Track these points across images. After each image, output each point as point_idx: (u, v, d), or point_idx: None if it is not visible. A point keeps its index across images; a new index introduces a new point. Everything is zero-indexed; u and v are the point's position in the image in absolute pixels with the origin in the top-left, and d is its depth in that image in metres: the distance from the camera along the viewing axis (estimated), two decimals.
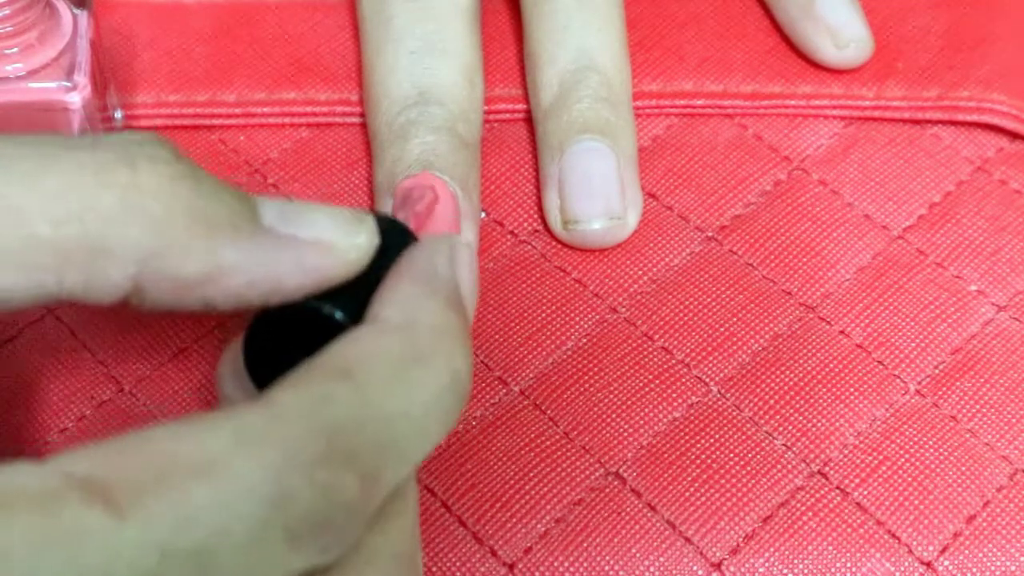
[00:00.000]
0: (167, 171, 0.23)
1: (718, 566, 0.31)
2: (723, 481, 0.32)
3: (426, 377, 0.23)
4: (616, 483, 0.32)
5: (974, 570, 0.31)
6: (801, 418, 0.34)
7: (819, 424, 0.34)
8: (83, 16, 0.35)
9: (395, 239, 0.27)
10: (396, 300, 0.25)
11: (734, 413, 0.34)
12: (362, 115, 0.39)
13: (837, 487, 0.32)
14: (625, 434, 0.33)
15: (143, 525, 0.19)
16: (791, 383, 0.34)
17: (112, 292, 0.23)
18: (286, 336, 0.25)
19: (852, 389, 0.34)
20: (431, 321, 0.24)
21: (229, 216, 0.24)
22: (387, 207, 0.35)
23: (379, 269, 0.26)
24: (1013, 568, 0.31)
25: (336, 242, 0.25)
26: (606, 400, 0.34)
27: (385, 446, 0.22)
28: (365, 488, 0.22)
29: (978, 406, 0.34)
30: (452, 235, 0.27)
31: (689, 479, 0.32)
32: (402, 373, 0.23)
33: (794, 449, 0.33)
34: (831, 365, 0.35)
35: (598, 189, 0.36)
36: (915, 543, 0.32)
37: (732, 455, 0.33)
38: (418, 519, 0.26)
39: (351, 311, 0.25)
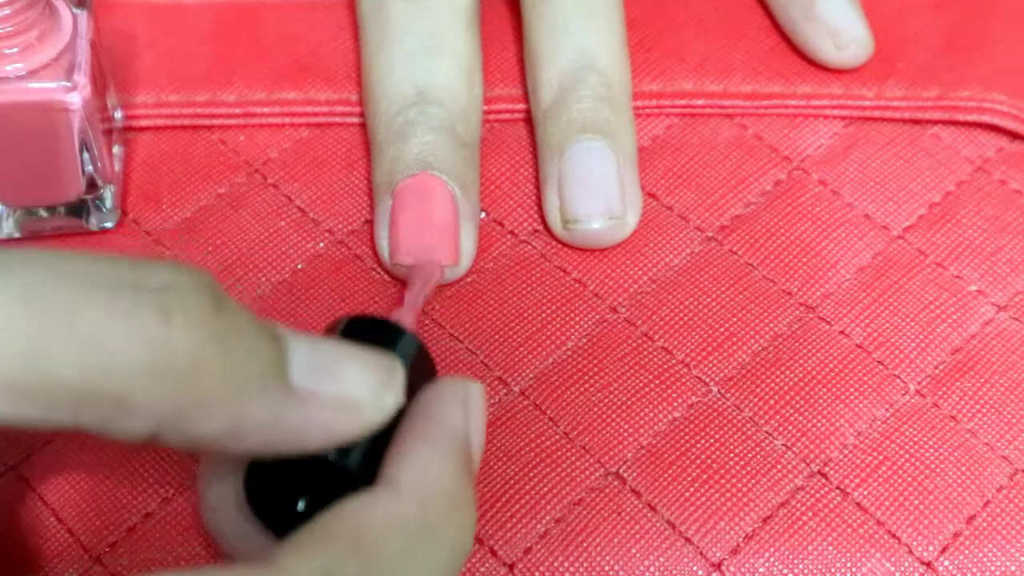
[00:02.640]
0: (201, 329, 0.22)
1: (718, 566, 0.31)
2: (723, 481, 0.32)
3: (433, 552, 0.24)
4: (616, 483, 0.32)
5: (974, 570, 0.31)
6: (801, 418, 0.34)
7: (819, 424, 0.34)
8: (83, 16, 0.35)
9: (407, 355, 0.27)
10: (413, 464, 0.24)
11: (734, 413, 0.34)
12: (362, 115, 0.39)
13: (837, 487, 0.32)
14: (625, 434, 0.33)
15: None
16: (791, 383, 0.34)
17: (129, 438, 0.23)
18: (293, 478, 0.25)
19: (852, 389, 0.34)
20: (444, 489, 0.24)
21: (258, 375, 0.23)
22: (386, 207, 0.35)
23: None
24: (1013, 568, 0.31)
25: (364, 402, 0.24)
26: (606, 400, 0.34)
27: None
28: None
29: (978, 406, 0.34)
30: (468, 382, 0.27)
31: (689, 479, 0.32)
32: (412, 548, 0.23)
33: (794, 449, 0.33)
34: (831, 365, 0.35)
35: (598, 189, 0.36)
36: (915, 543, 0.32)
37: (732, 455, 0.33)
38: None
39: (364, 461, 0.25)
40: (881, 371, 0.35)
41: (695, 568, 0.31)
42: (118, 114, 0.38)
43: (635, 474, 0.33)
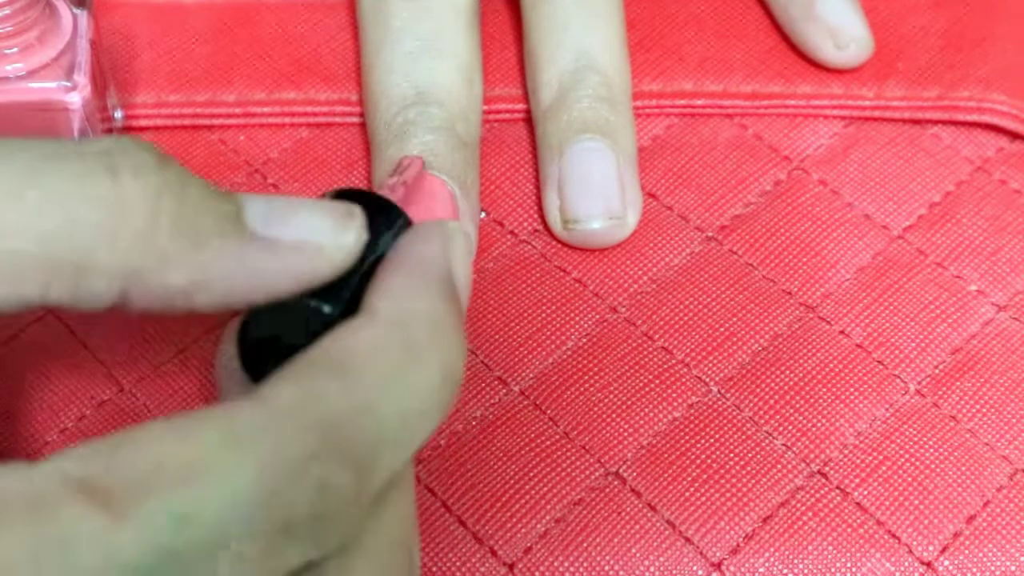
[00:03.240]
0: (151, 181, 0.23)
1: (718, 566, 0.31)
2: (723, 481, 0.32)
3: (420, 372, 0.23)
4: (616, 483, 0.32)
5: (974, 570, 0.31)
6: (801, 418, 0.34)
7: (819, 424, 0.34)
8: (83, 16, 0.35)
9: (386, 221, 0.27)
10: (390, 292, 0.25)
11: (734, 413, 0.34)
12: (362, 115, 0.39)
13: (837, 487, 0.32)
14: (625, 434, 0.33)
15: (140, 526, 0.19)
16: (791, 383, 0.34)
17: (98, 302, 0.23)
18: (279, 331, 0.25)
19: (852, 389, 0.34)
20: (425, 314, 0.24)
21: (215, 224, 0.24)
22: None
23: (371, 254, 0.26)
24: (1013, 568, 0.31)
25: (324, 243, 0.25)
26: (606, 400, 0.34)
27: (378, 440, 0.22)
28: (359, 482, 0.22)
29: (978, 406, 0.34)
30: (445, 221, 0.27)
31: (689, 479, 0.32)
32: (396, 368, 0.23)
33: (794, 449, 0.33)
34: (831, 365, 0.35)
35: (598, 189, 0.36)
36: (915, 543, 0.32)
37: (732, 455, 0.33)
38: (414, 508, 0.26)
39: (343, 303, 0.25)
40: (881, 371, 0.35)
41: (695, 568, 0.31)
42: (118, 114, 0.38)
43: (635, 474, 0.33)
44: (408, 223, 0.27)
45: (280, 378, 0.22)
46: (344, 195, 0.27)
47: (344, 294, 0.25)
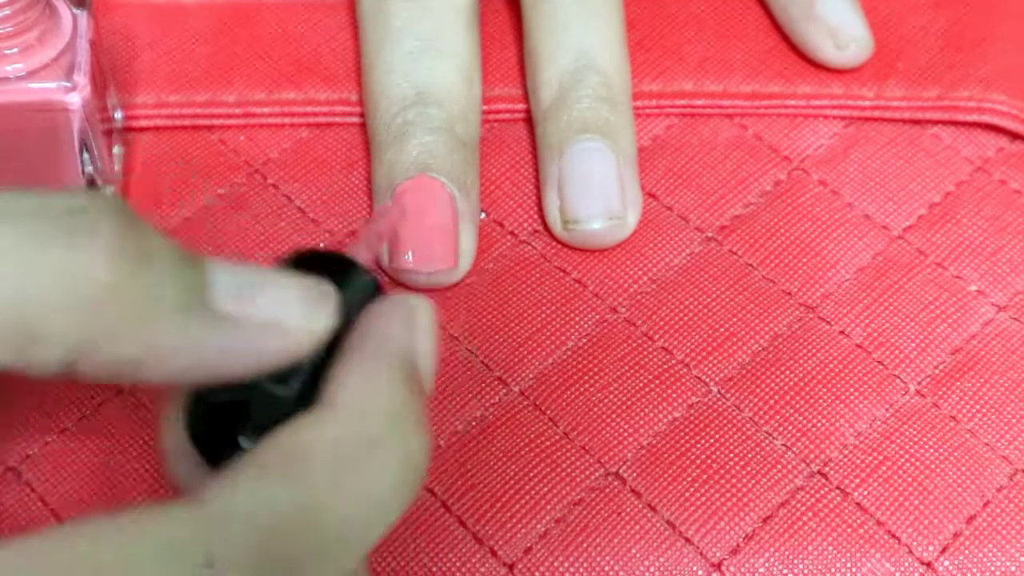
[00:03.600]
0: (107, 248, 0.21)
1: (718, 566, 0.31)
2: (723, 481, 0.32)
3: (379, 466, 0.23)
4: (616, 483, 0.32)
5: (974, 570, 0.31)
6: (801, 418, 0.34)
7: (819, 424, 0.34)
8: (83, 16, 0.35)
9: (353, 286, 0.25)
10: (348, 381, 0.23)
11: (734, 413, 0.34)
12: (362, 115, 0.39)
13: (837, 487, 0.32)
14: (625, 434, 0.33)
15: None
16: (791, 383, 0.34)
17: (43, 371, 0.22)
18: (232, 412, 0.24)
19: (852, 389, 0.34)
20: (384, 404, 0.23)
21: (176, 297, 0.22)
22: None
23: (332, 340, 0.24)
24: (1013, 568, 0.31)
25: (292, 325, 0.23)
26: (606, 400, 0.34)
27: (327, 545, 0.22)
28: None
29: (978, 406, 0.34)
30: (410, 298, 0.25)
31: (689, 479, 0.32)
32: (352, 464, 0.22)
33: (794, 449, 0.33)
34: (831, 365, 0.35)
35: (598, 189, 0.36)
36: (915, 543, 0.32)
37: (732, 455, 0.33)
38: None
39: (300, 384, 0.24)
40: (881, 371, 0.35)
41: (695, 568, 0.31)
42: (118, 114, 0.38)
43: (635, 474, 0.33)
44: (377, 288, 0.26)
45: (226, 482, 0.21)
46: (309, 258, 0.26)
47: (302, 375, 0.24)
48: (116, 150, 0.38)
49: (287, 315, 0.23)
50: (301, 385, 0.24)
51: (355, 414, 0.23)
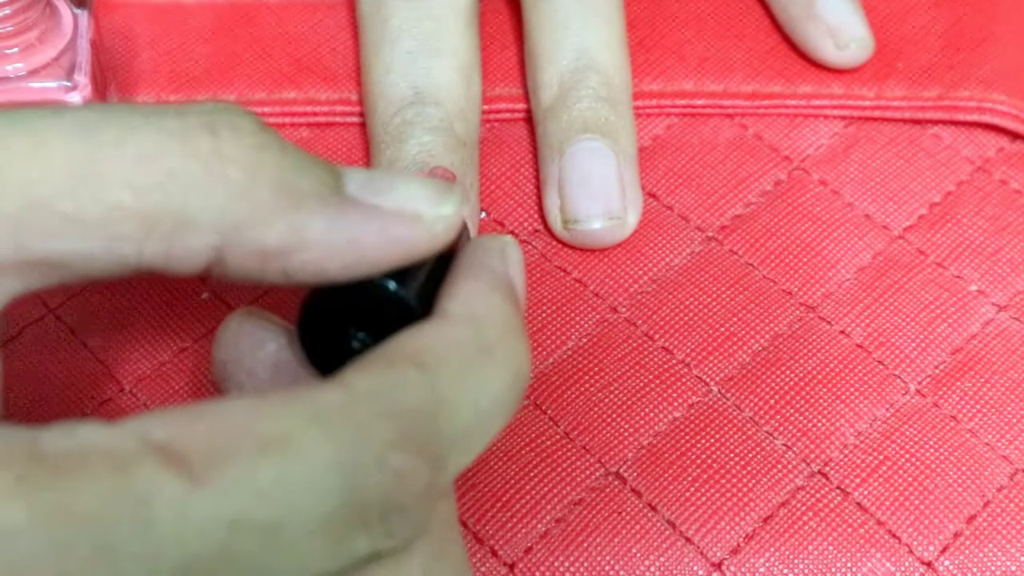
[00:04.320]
0: (251, 140, 0.23)
1: (718, 566, 0.31)
2: (723, 481, 0.32)
3: (493, 371, 0.24)
4: (616, 483, 0.32)
5: (974, 570, 0.31)
6: (801, 418, 0.34)
7: (819, 424, 0.34)
8: (83, 16, 0.35)
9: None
10: (460, 295, 0.25)
11: (734, 413, 0.34)
12: (362, 115, 0.39)
13: (837, 487, 0.32)
14: (625, 434, 0.33)
15: (217, 495, 0.19)
16: (791, 383, 0.34)
17: (193, 262, 0.23)
18: (351, 314, 0.25)
19: (852, 389, 0.34)
20: (494, 316, 0.24)
21: (313, 186, 0.23)
22: None
23: (438, 262, 0.26)
24: (1013, 568, 0.31)
25: (423, 212, 0.24)
26: (606, 400, 0.34)
27: (454, 436, 0.22)
28: (433, 476, 0.22)
29: (978, 406, 0.34)
30: (502, 236, 0.27)
31: (689, 479, 0.32)
32: (472, 366, 0.23)
33: (794, 449, 0.33)
34: (831, 365, 0.35)
35: (598, 189, 0.36)
36: (915, 543, 0.32)
37: (732, 455, 0.33)
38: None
39: (420, 296, 0.25)
40: (881, 371, 0.35)
41: (695, 568, 0.31)
42: None
43: (635, 474, 0.33)
44: (468, 236, 0.28)
45: (361, 366, 0.22)
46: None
47: (421, 288, 0.25)
48: None
49: (418, 203, 0.24)
50: (418, 291, 0.25)
51: (470, 322, 0.24)
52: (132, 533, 0.19)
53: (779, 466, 0.33)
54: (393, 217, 0.24)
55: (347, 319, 0.25)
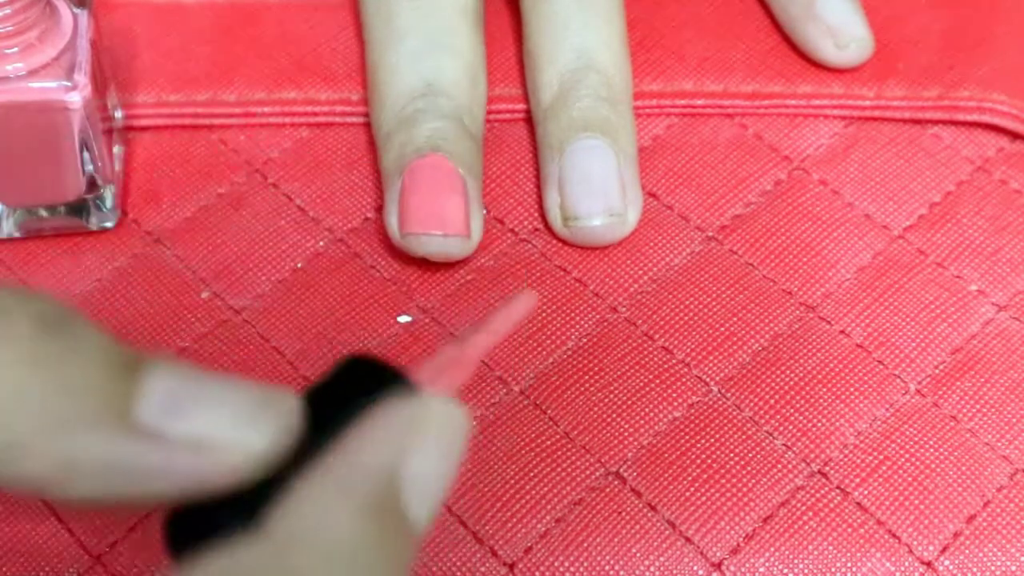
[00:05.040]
0: (21, 353, 0.20)
1: (718, 566, 0.31)
2: (723, 481, 0.32)
3: None
4: (616, 483, 0.32)
5: (974, 570, 0.31)
6: (801, 418, 0.34)
7: (819, 424, 0.34)
8: (83, 16, 0.35)
9: (372, 386, 0.22)
10: (293, 503, 0.20)
11: (734, 413, 0.34)
12: (363, 115, 0.39)
13: (837, 487, 0.32)
14: (625, 434, 0.33)
15: None
16: (791, 383, 0.34)
17: None
18: (195, 532, 0.21)
19: (852, 389, 0.34)
20: (327, 538, 0.20)
21: (93, 410, 0.20)
22: (396, 188, 0.35)
23: (326, 439, 0.21)
24: (1013, 568, 0.31)
25: (219, 442, 0.20)
26: (606, 400, 0.34)
27: None
28: None
29: (978, 406, 0.34)
30: (429, 403, 0.22)
31: (689, 479, 0.32)
32: None
33: (794, 449, 0.33)
34: (831, 365, 0.35)
35: (598, 186, 0.36)
36: (915, 543, 0.32)
37: (732, 455, 0.33)
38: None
39: (252, 509, 0.21)
40: (881, 371, 0.35)
41: (695, 568, 0.31)
42: (118, 114, 0.38)
43: (635, 474, 0.33)
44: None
45: None
46: (357, 364, 0.22)
47: (257, 497, 0.21)
48: (116, 150, 0.38)
49: (216, 431, 0.20)
50: (251, 508, 0.21)
51: (282, 545, 0.20)
52: None
53: (779, 466, 0.33)
54: (183, 450, 0.20)
55: (197, 536, 0.21)
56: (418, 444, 0.21)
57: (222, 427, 0.20)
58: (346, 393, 0.22)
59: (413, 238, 0.35)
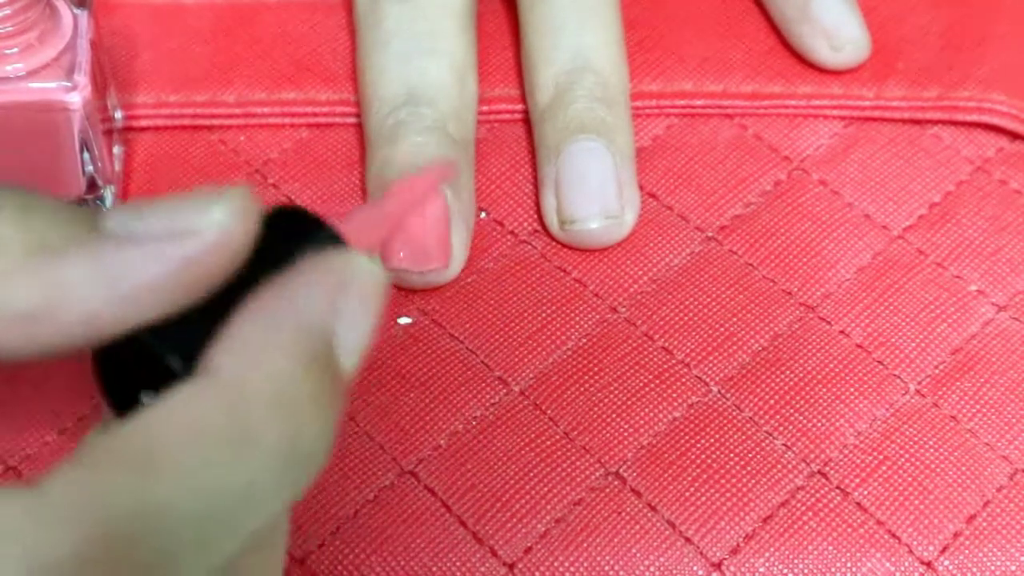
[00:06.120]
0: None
1: (718, 566, 0.31)
2: (723, 481, 0.32)
3: (249, 461, 0.20)
4: (616, 483, 0.32)
5: (974, 570, 0.31)
6: (801, 418, 0.34)
7: (819, 424, 0.34)
8: (83, 16, 0.35)
9: (314, 245, 0.22)
10: (234, 349, 0.20)
11: (734, 413, 0.34)
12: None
13: (837, 487, 0.32)
14: (625, 434, 0.33)
15: None
16: (791, 383, 0.34)
17: None
18: (127, 371, 0.22)
19: (852, 389, 0.34)
20: (269, 384, 0.20)
21: (66, 234, 0.21)
22: None
23: (236, 291, 0.21)
24: (1013, 568, 0.31)
25: (191, 224, 0.21)
26: (606, 400, 0.34)
27: (179, 551, 0.19)
28: None
29: (978, 406, 0.34)
30: (354, 256, 0.22)
31: (689, 479, 0.32)
32: (215, 457, 0.19)
33: (794, 449, 0.33)
34: (831, 365, 0.35)
35: (594, 188, 0.36)
36: (915, 543, 0.32)
37: (732, 455, 0.33)
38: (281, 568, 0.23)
39: (191, 344, 0.21)
40: (881, 371, 0.35)
41: (695, 568, 0.31)
42: (118, 114, 0.38)
43: (635, 474, 0.33)
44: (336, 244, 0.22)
45: (68, 466, 0.19)
46: (282, 212, 0.23)
47: (192, 326, 0.21)
48: (116, 150, 0.38)
49: (186, 217, 0.21)
50: (193, 334, 0.21)
51: (230, 391, 0.20)
52: None
53: (779, 466, 0.33)
54: (158, 239, 0.20)
55: (125, 379, 0.22)
56: (348, 299, 0.22)
57: (192, 212, 0.21)
58: (274, 239, 0.22)
59: (394, 272, 0.35)
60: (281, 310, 0.21)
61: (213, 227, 0.21)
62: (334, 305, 0.21)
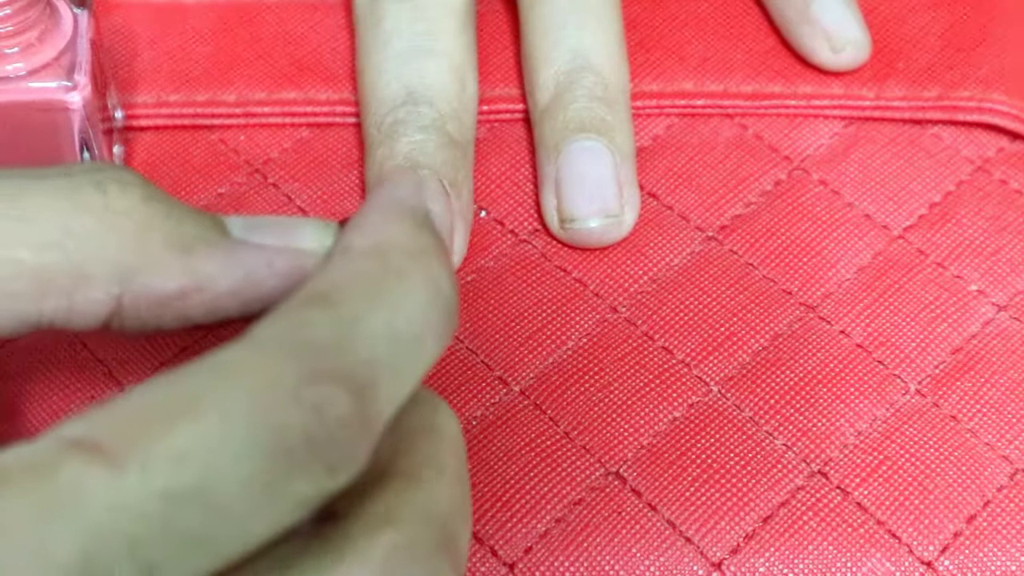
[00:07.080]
0: (138, 193, 0.24)
1: (718, 566, 0.31)
2: (723, 481, 0.32)
3: (405, 292, 0.23)
4: (616, 483, 0.32)
5: (974, 570, 0.31)
6: (801, 418, 0.34)
7: (819, 424, 0.34)
8: (83, 16, 0.35)
9: None
10: (365, 228, 0.24)
11: (734, 413, 0.34)
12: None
13: (837, 487, 0.32)
14: (625, 434, 0.33)
15: (140, 473, 0.19)
16: (791, 383, 0.34)
17: (93, 316, 0.24)
18: None
19: (852, 389, 0.34)
20: (402, 242, 0.24)
21: (201, 232, 0.25)
22: None
23: None
24: (1013, 568, 0.31)
25: (305, 246, 0.26)
26: (606, 400, 0.34)
27: (372, 360, 0.22)
28: (360, 402, 0.21)
29: (978, 406, 0.34)
30: (419, 172, 0.27)
31: (689, 479, 0.32)
32: (380, 291, 0.23)
33: (794, 449, 0.33)
34: (831, 365, 0.35)
35: (594, 188, 0.36)
36: (915, 543, 0.32)
37: (732, 455, 0.33)
38: (467, 491, 0.25)
39: None
40: (881, 371, 0.35)
41: (695, 568, 0.31)
42: (118, 114, 0.38)
43: (635, 474, 0.33)
44: None
45: (263, 320, 0.22)
46: None
47: None
48: (116, 150, 0.38)
49: (301, 241, 0.26)
50: None
51: (375, 251, 0.23)
52: (68, 532, 0.18)
53: (779, 466, 0.33)
54: (277, 252, 0.25)
55: None
56: (432, 189, 0.29)
57: (306, 238, 0.26)
58: None
59: None
60: (388, 201, 0.25)
61: (321, 249, 0.26)
62: (423, 197, 0.25)
